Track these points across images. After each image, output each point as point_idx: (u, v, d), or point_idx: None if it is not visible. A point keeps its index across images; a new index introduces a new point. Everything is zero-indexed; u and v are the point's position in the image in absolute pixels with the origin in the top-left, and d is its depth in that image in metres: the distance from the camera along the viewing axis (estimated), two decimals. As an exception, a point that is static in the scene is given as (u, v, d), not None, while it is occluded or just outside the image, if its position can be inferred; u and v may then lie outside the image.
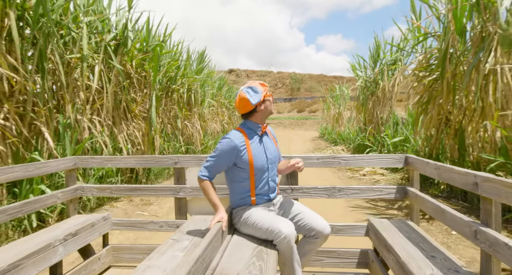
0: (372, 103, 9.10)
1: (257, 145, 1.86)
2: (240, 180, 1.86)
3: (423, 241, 1.71)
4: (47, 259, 1.70)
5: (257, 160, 1.82)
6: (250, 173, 1.83)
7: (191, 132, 8.92)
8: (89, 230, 2.11)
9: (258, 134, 1.89)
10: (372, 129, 8.96)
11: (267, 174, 1.88)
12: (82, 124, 4.52)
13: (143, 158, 2.40)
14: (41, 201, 2.10)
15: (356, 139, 9.95)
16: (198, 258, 1.27)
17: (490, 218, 1.31)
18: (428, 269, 1.39)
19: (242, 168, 1.83)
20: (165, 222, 2.33)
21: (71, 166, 2.38)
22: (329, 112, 18.60)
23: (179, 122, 8.10)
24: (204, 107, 10.68)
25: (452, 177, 1.56)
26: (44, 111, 3.84)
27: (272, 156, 1.90)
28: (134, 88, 6.02)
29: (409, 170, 2.12)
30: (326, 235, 1.76)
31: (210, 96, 11.83)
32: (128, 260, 2.39)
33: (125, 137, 5.53)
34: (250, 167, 1.81)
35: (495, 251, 1.22)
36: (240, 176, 1.85)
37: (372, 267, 2.06)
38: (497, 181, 1.23)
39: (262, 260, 1.49)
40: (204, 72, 9.99)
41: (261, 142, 1.89)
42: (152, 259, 1.55)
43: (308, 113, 40.37)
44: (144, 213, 4.37)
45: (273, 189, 1.92)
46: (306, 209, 1.88)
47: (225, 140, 1.81)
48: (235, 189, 1.90)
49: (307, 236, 1.81)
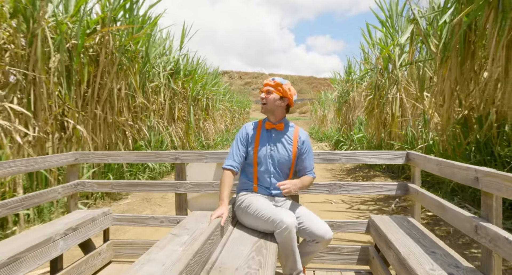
0: (345, 109, 12.02)
1: (264, 138, 1.94)
2: (248, 166, 1.96)
3: (424, 237, 1.71)
4: (47, 253, 1.71)
5: (259, 150, 1.91)
6: (254, 159, 1.91)
7: (208, 131, 11.72)
8: (89, 225, 2.11)
9: (265, 127, 1.97)
10: (345, 129, 11.88)
11: (269, 169, 1.91)
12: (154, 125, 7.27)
13: (144, 153, 2.39)
14: (42, 196, 2.10)
15: (335, 136, 12.87)
16: (197, 251, 1.27)
17: (491, 213, 1.30)
18: (428, 264, 1.39)
19: (249, 155, 1.93)
20: (166, 218, 2.34)
21: (72, 161, 2.39)
22: (316, 114, 21.62)
23: (201, 123, 10.89)
24: (216, 111, 13.48)
25: (453, 172, 1.56)
26: (143, 116, 6.57)
27: (277, 155, 1.91)
28: (178, 100, 8.77)
29: (410, 166, 2.12)
30: (327, 240, 1.74)
31: (219, 102, 14.63)
32: (129, 255, 2.40)
33: (174, 134, 8.28)
34: (254, 153, 1.91)
35: (495, 246, 1.20)
36: (248, 162, 1.95)
37: (373, 264, 2.05)
38: (498, 175, 1.22)
39: (262, 255, 1.49)
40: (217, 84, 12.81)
41: (269, 136, 1.95)
42: (152, 253, 1.55)
43: (299, 114, 43.48)
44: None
45: (276, 187, 1.89)
46: (308, 213, 1.86)
47: (242, 127, 2.00)
48: (243, 173, 1.99)
49: (308, 240, 1.80)
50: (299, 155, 1.97)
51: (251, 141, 1.94)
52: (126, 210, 4.33)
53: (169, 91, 7.91)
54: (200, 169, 2.34)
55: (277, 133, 1.96)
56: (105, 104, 5.13)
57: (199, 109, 10.69)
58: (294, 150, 1.94)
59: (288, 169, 1.95)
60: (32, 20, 3.63)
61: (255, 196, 1.87)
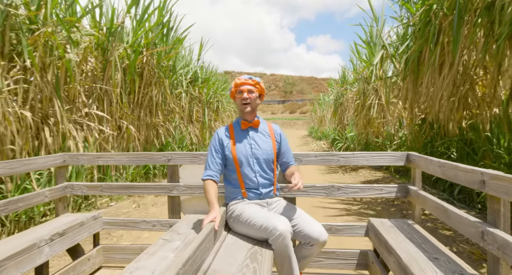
0: (340, 111, 13.46)
1: (241, 138, 1.91)
2: (230, 173, 1.90)
3: (426, 242, 1.66)
4: (31, 260, 1.63)
5: (239, 152, 1.86)
6: (235, 165, 1.86)
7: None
8: (77, 230, 2.02)
9: (240, 128, 1.94)
10: (340, 128, 13.32)
11: (254, 169, 1.87)
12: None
13: (136, 154, 2.32)
14: (26, 200, 2.03)
15: (331, 135, 14.31)
16: (188, 259, 1.22)
17: (499, 218, 1.24)
18: (432, 272, 1.33)
19: (229, 160, 1.88)
20: (158, 221, 2.28)
21: (59, 163, 2.32)
22: (315, 115, 23.05)
23: (212, 123, 12.35)
24: (224, 112, 14.96)
25: (457, 175, 1.51)
26: (170, 118, 8.02)
27: (259, 152, 1.89)
28: (195, 104, 10.23)
29: (411, 168, 2.06)
30: (322, 242, 1.70)
31: (226, 104, 16.10)
32: (120, 261, 2.33)
33: (192, 132, 9.73)
34: (234, 158, 1.86)
35: (504, 253, 1.15)
36: (229, 168, 1.90)
37: (372, 269, 2.00)
38: (506, 178, 1.17)
39: (257, 262, 1.44)
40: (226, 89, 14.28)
41: (247, 136, 1.92)
42: (141, 260, 1.48)
43: (299, 114, 44.92)
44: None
45: (265, 185, 1.88)
46: (303, 214, 1.82)
47: (214, 134, 1.96)
48: (227, 182, 1.94)
49: (302, 243, 1.76)
50: (280, 148, 2.00)
51: (227, 145, 1.89)
52: (154, 203, 4.33)
53: (188, 96, 9.37)
54: (193, 171, 2.29)
55: (254, 130, 1.96)
56: (145, 109, 6.59)
57: (210, 110, 12.15)
58: (274, 143, 1.96)
59: (272, 164, 1.94)
60: (107, 51, 5.09)
61: (247, 204, 1.84)
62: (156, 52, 6.56)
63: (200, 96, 10.51)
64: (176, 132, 8.23)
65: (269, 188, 1.92)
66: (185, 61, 8.91)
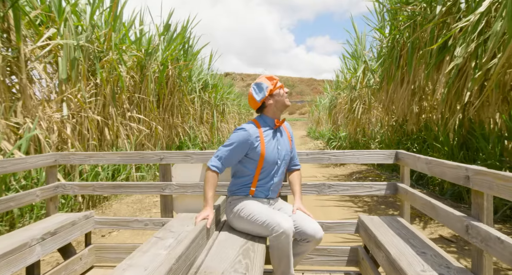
0: (334, 113, 14.84)
1: (270, 138, 1.84)
2: (246, 170, 1.84)
3: (414, 238, 1.70)
4: (22, 259, 1.63)
5: (269, 153, 1.81)
6: (258, 164, 1.80)
7: (223, 130, 14.57)
8: (69, 229, 2.03)
9: (272, 128, 1.87)
10: (334, 128, 14.70)
11: (275, 169, 1.85)
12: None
13: (127, 154, 2.32)
14: (16, 199, 2.02)
15: (327, 135, 15.68)
16: (181, 255, 1.24)
17: (482, 212, 1.28)
18: (419, 265, 1.37)
19: (252, 159, 1.81)
20: (150, 220, 2.28)
21: (51, 162, 2.32)
22: (313, 116, 24.42)
23: (219, 124, 13.74)
24: (229, 114, 16.36)
25: (443, 171, 1.55)
26: (186, 119, 9.39)
27: (283, 152, 1.87)
28: (206, 107, 11.61)
29: (400, 165, 2.11)
30: (318, 239, 1.72)
31: (231, 106, 17.51)
32: (112, 260, 2.34)
33: (203, 132, 11.10)
34: (261, 159, 1.79)
35: (487, 245, 1.20)
36: (247, 166, 1.83)
37: (362, 265, 2.04)
38: (489, 173, 1.21)
39: (249, 258, 1.47)
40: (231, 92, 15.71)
41: (275, 136, 1.87)
42: (134, 258, 1.49)
43: (298, 115, 46.32)
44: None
45: (275, 186, 1.88)
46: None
47: (240, 131, 1.79)
48: (237, 178, 1.88)
49: (298, 239, 1.77)
50: (292, 146, 1.99)
51: (257, 146, 1.79)
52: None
53: (200, 100, 10.74)
54: (186, 169, 2.32)
55: (280, 130, 1.92)
56: (168, 112, 7.95)
57: (217, 112, 13.53)
58: (290, 142, 1.96)
59: (287, 162, 1.95)
60: (145, 68, 6.48)
61: (250, 200, 1.82)
62: (178, 66, 7.94)
63: (210, 100, 11.89)
64: (191, 132, 9.58)
65: (277, 188, 1.93)
66: (198, 71, 10.28)
